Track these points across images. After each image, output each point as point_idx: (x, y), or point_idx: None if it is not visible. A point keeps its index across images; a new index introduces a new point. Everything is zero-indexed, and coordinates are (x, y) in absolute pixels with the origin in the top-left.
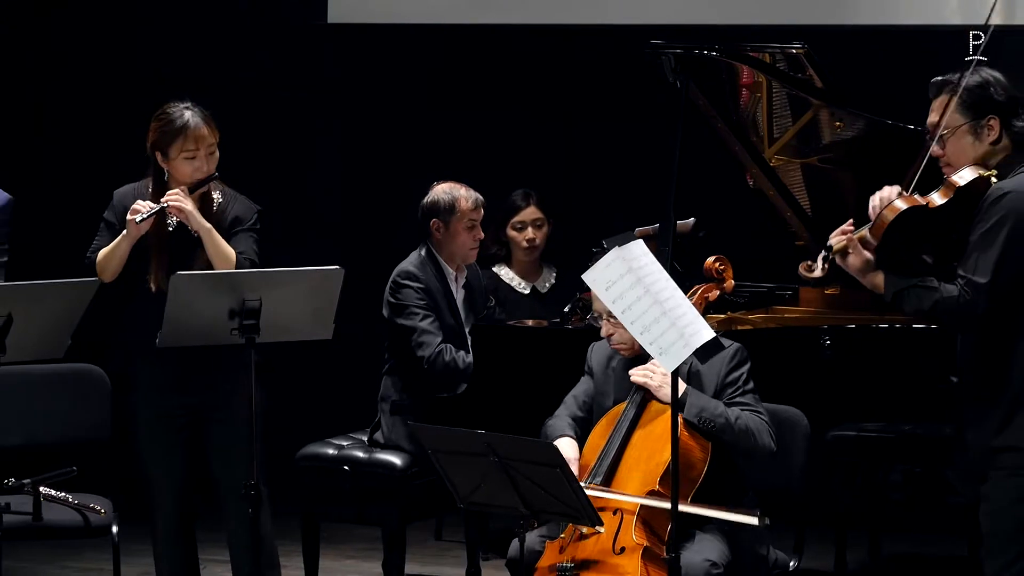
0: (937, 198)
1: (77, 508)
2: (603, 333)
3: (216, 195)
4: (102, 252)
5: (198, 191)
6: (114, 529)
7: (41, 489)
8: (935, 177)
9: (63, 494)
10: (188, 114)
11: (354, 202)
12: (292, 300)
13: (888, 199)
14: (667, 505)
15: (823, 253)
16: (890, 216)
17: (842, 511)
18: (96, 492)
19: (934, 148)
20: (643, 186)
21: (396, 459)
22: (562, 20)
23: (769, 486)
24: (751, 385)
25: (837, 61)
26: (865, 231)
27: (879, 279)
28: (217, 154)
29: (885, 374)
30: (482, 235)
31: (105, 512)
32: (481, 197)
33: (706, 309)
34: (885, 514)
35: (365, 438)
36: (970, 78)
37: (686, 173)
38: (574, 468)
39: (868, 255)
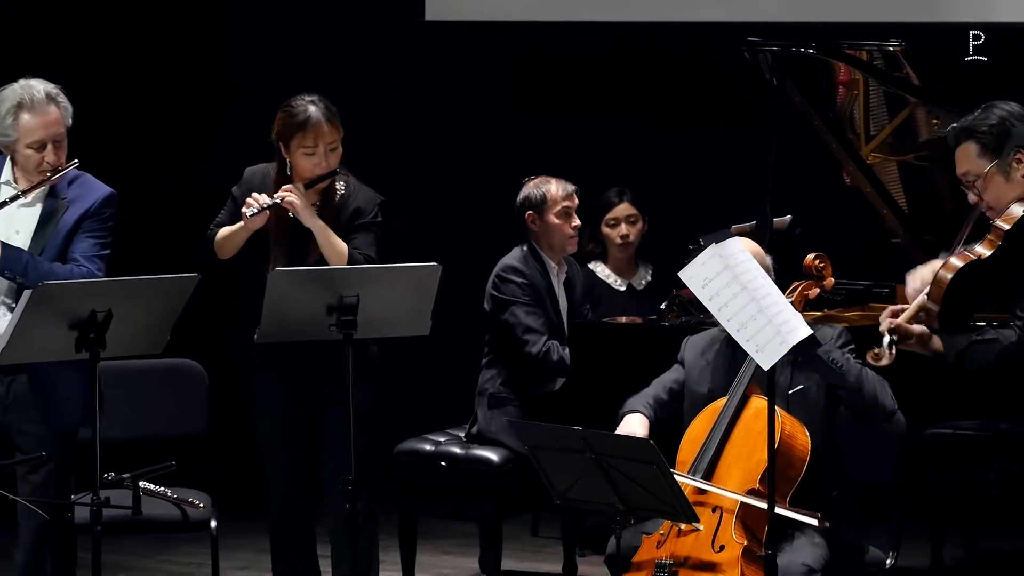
0: (986, 249)
1: (176, 503)
2: None
3: (339, 186)
4: (222, 232)
5: (316, 187)
6: (212, 524)
7: (140, 483)
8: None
9: (162, 488)
10: (312, 109)
11: (449, 199)
12: (390, 296)
13: (932, 272)
14: (764, 505)
15: (887, 338)
16: (948, 275)
17: (938, 509)
18: (195, 487)
19: (971, 197)
20: (740, 183)
21: (493, 455)
22: (659, 18)
23: (866, 483)
24: (860, 362)
25: (934, 58)
26: (923, 300)
27: (938, 344)
28: (340, 150)
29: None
30: (578, 222)
31: (204, 507)
32: (573, 186)
33: (804, 306)
34: (981, 512)
35: (462, 434)
36: (984, 120)
37: (783, 170)
38: None
39: (922, 329)
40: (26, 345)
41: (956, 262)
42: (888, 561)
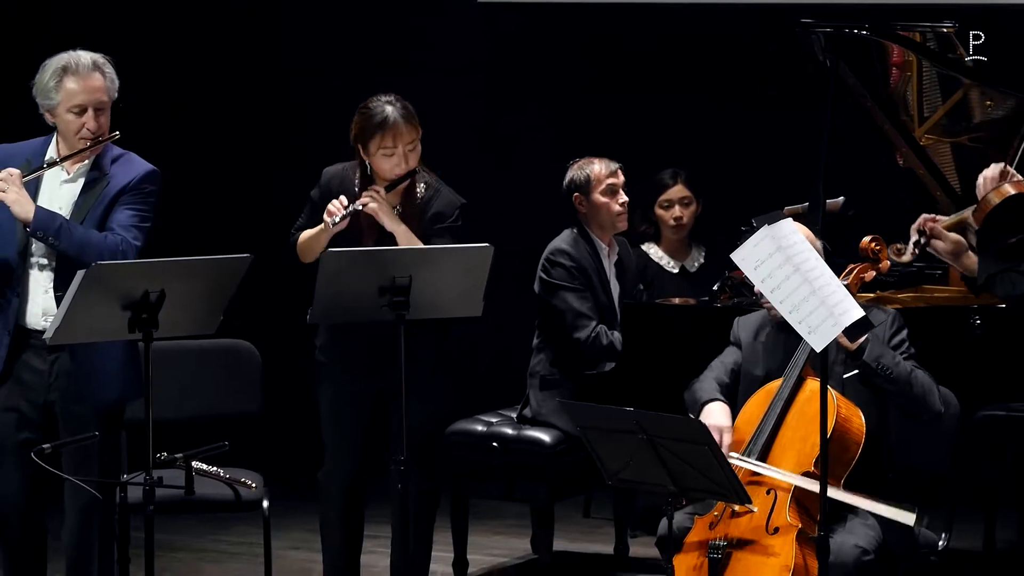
0: None
1: (228, 482)
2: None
3: (420, 187)
4: (304, 236)
5: (397, 187)
6: (264, 504)
7: (193, 463)
8: None
9: (215, 468)
10: (389, 109)
11: (503, 180)
12: (442, 277)
13: (994, 178)
14: (816, 487)
15: (914, 238)
16: (995, 200)
17: (991, 491)
18: (247, 467)
19: None
20: (792, 165)
21: (545, 436)
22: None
23: (919, 465)
24: (913, 350)
25: (987, 40)
26: (967, 214)
27: (972, 262)
28: (419, 150)
29: None
30: (625, 199)
31: (256, 487)
32: (616, 164)
33: (858, 288)
34: None
35: (514, 415)
36: None
37: (835, 152)
38: (727, 436)
39: (957, 238)
40: (79, 325)
41: (1009, 189)
42: (941, 543)
